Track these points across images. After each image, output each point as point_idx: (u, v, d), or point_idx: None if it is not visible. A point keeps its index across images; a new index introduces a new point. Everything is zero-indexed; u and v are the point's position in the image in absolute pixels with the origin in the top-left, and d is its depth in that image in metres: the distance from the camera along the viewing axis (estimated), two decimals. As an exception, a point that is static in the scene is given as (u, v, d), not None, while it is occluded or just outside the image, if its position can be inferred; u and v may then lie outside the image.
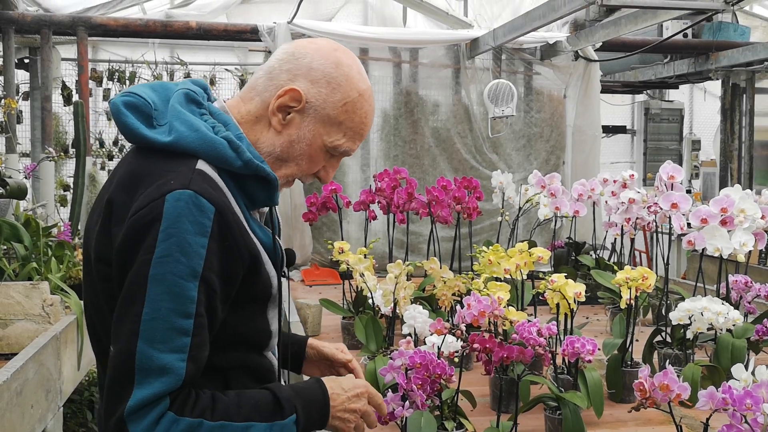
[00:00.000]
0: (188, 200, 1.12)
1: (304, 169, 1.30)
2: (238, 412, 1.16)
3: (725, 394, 1.34)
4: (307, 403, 1.24)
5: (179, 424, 1.11)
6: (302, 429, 1.22)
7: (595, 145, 5.22)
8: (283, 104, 1.26)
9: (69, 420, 4.12)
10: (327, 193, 3.11)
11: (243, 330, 1.25)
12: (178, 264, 1.10)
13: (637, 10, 4.11)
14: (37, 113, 4.95)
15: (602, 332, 3.07)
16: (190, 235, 1.11)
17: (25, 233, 2.95)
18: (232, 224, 1.16)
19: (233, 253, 1.16)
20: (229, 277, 1.17)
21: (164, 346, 1.10)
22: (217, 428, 1.13)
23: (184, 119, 1.21)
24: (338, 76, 1.26)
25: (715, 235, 2.35)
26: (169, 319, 1.10)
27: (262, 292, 1.26)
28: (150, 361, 1.09)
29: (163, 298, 1.10)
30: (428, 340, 1.86)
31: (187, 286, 1.11)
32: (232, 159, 1.20)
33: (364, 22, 6.17)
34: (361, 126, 1.29)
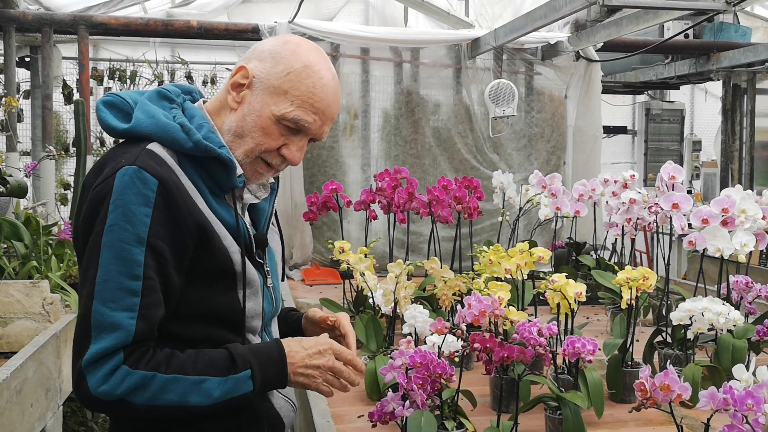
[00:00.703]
0: (133, 174, 1.24)
1: (261, 143, 1.36)
2: (194, 368, 1.26)
3: (726, 394, 1.34)
4: (263, 360, 1.31)
5: (132, 376, 1.21)
6: (259, 385, 1.30)
7: (595, 145, 5.21)
8: (236, 83, 1.36)
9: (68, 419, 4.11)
10: (327, 192, 3.10)
11: (208, 304, 1.33)
12: (124, 231, 1.22)
13: (639, 11, 4.11)
14: (37, 112, 4.95)
15: (603, 332, 3.07)
16: (134, 206, 1.23)
17: (26, 232, 2.95)
18: (176, 196, 1.26)
19: (178, 221, 1.26)
20: (177, 246, 1.27)
21: (115, 305, 1.21)
22: (170, 381, 1.23)
23: (144, 109, 1.33)
24: (283, 50, 1.35)
25: (716, 235, 2.35)
26: (118, 281, 1.22)
27: (220, 267, 1.32)
28: (103, 318, 1.21)
29: (113, 263, 1.22)
30: (429, 339, 1.85)
31: (133, 250, 1.22)
32: (183, 140, 1.30)
33: (365, 21, 6.17)
34: (309, 95, 1.33)
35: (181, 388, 1.24)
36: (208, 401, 1.26)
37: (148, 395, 1.23)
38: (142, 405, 1.23)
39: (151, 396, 1.23)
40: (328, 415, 2.05)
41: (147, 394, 1.23)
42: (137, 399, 1.22)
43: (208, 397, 1.26)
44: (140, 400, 1.22)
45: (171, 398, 1.24)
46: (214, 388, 1.26)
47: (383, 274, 2.53)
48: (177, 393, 1.24)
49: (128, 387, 1.21)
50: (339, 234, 3.33)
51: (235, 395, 1.28)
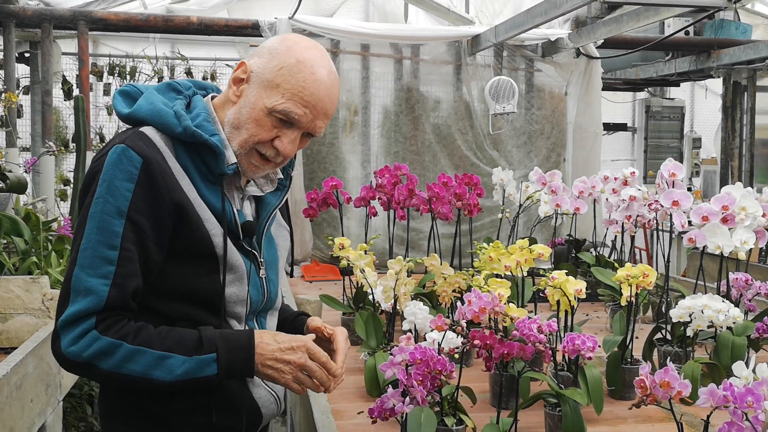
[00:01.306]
0: (120, 152, 1.32)
1: (254, 134, 1.41)
2: (161, 343, 1.31)
3: (726, 391, 1.34)
4: (231, 346, 1.34)
5: (99, 342, 1.28)
6: (224, 370, 1.33)
7: (595, 142, 5.21)
8: (236, 77, 1.43)
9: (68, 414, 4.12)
10: (327, 188, 3.10)
11: (188, 284, 1.38)
12: (106, 204, 1.30)
13: (639, 8, 4.11)
14: (37, 107, 4.94)
15: (602, 329, 3.07)
16: (118, 181, 1.31)
17: (25, 227, 2.95)
18: (158, 175, 1.33)
19: (158, 199, 1.33)
20: (157, 221, 1.33)
21: (92, 271, 1.29)
22: (135, 352, 1.29)
23: (147, 97, 1.42)
24: (280, 47, 1.42)
25: (716, 232, 2.35)
26: (96, 249, 1.29)
27: (200, 247, 1.37)
28: (79, 282, 1.29)
29: (94, 232, 1.30)
30: (428, 336, 1.86)
31: (113, 222, 1.30)
32: (174, 125, 1.38)
33: (366, 18, 6.16)
34: (299, 89, 1.38)
35: (145, 360, 1.29)
36: (170, 377, 1.30)
37: (113, 363, 1.28)
38: (107, 371, 1.29)
39: (116, 364, 1.29)
40: (328, 411, 2.05)
41: (111, 361, 1.28)
42: (103, 365, 1.29)
43: (170, 373, 1.30)
44: (105, 366, 1.29)
45: (135, 369, 1.29)
46: (177, 365, 1.31)
47: (383, 271, 2.53)
48: (141, 365, 1.29)
49: (94, 351, 1.28)
50: (339, 230, 3.34)
51: (197, 376, 1.32)
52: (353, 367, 2.58)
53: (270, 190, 1.51)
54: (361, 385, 2.31)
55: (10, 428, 2.13)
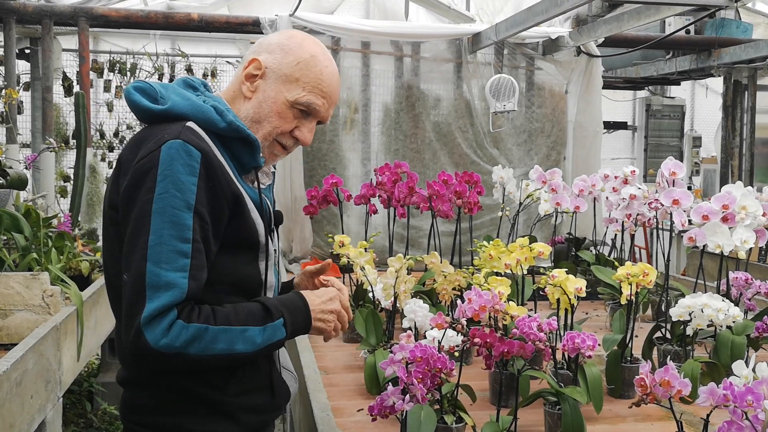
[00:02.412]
0: (179, 147, 1.34)
1: (277, 126, 1.49)
2: (237, 319, 1.37)
3: (726, 390, 1.34)
4: (292, 309, 1.45)
5: (189, 329, 1.31)
6: (290, 331, 1.43)
7: (596, 140, 5.21)
8: (249, 74, 1.50)
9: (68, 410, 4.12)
10: (328, 186, 3.10)
11: (234, 273, 1.44)
12: (174, 198, 1.32)
13: (640, 6, 4.10)
14: (37, 104, 4.94)
15: (602, 328, 3.07)
16: (182, 175, 1.33)
17: (26, 224, 2.94)
18: (216, 168, 1.37)
19: (218, 191, 1.37)
20: (216, 214, 1.37)
21: (169, 266, 1.30)
22: (221, 332, 1.34)
23: (178, 93, 1.46)
24: (291, 44, 1.50)
25: (717, 231, 2.35)
26: (171, 244, 1.31)
27: (248, 236, 1.44)
28: (158, 278, 1.30)
29: (165, 227, 1.31)
30: (429, 334, 1.86)
31: (183, 215, 1.32)
32: (217, 121, 1.42)
33: (366, 15, 6.16)
34: (318, 81, 1.48)
35: (228, 337, 1.35)
36: (252, 348, 1.38)
37: (202, 346, 1.33)
38: (196, 355, 1.33)
39: (205, 346, 1.33)
40: (328, 409, 2.05)
41: (201, 345, 1.33)
42: (192, 350, 1.32)
43: (252, 344, 1.37)
44: (195, 351, 1.32)
45: (221, 347, 1.34)
46: (257, 335, 1.38)
47: (383, 269, 2.53)
48: (226, 342, 1.35)
49: (186, 339, 1.31)
50: (339, 228, 3.34)
51: (272, 341, 1.41)
52: (353, 364, 2.58)
53: (269, 183, 1.59)
54: (361, 382, 2.32)
55: (9, 424, 2.13)
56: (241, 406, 1.46)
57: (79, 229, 3.84)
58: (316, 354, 2.62)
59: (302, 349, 2.58)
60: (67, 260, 3.09)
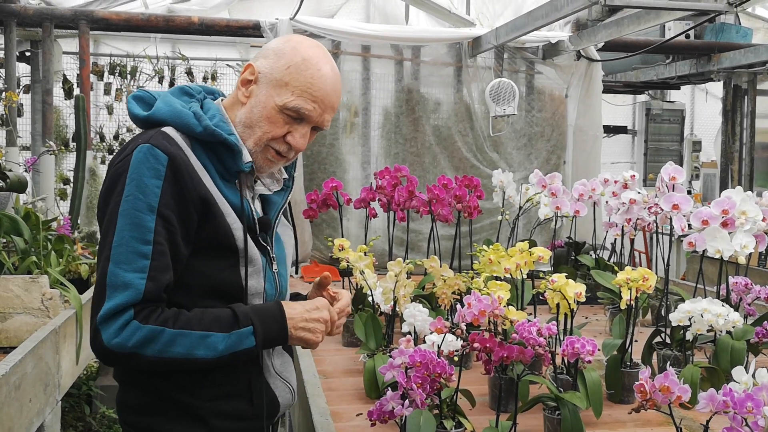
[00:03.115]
0: (147, 151, 1.37)
1: (267, 131, 1.48)
2: (199, 323, 1.37)
3: (726, 396, 1.34)
4: (264, 317, 1.42)
5: (142, 330, 1.33)
6: (262, 341, 1.41)
7: (596, 144, 5.21)
8: (244, 79, 1.50)
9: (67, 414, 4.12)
10: (327, 189, 3.10)
11: (212, 277, 1.44)
12: (137, 201, 1.35)
13: (640, 11, 4.11)
14: (38, 106, 4.94)
15: (601, 332, 3.07)
16: (146, 178, 1.36)
17: (25, 227, 2.94)
18: (184, 171, 1.39)
19: (184, 194, 1.38)
20: (184, 217, 1.38)
21: (128, 266, 1.33)
22: (178, 335, 1.35)
23: (164, 100, 1.48)
24: (285, 48, 1.49)
25: (716, 236, 2.35)
26: (131, 245, 1.34)
27: (223, 239, 1.43)
28: (116, 278, 1.33)
29: (126, 228, 1.34)
30: (428, 338, 1.85)
31: (144, 218, 1.34)
32: (194, 125, 1.44)
33: (366, 19, 6.16)
34: (308, 85, 1.46)
35: (187, 341, 1.35)
36: (214, 354, 1.36)
37: (158, 348, 1.33)
38: (152, 357, 1.33)
39: (160, 348, 1.33)
40: (327, 414, 2.05)
41: (156, 346, 1.33)
42: (147, 351, 1.33)
43: (214, 350, 1.36)
44: (150, 353, 1.33)
45: (179, 351, 1.34)
46: (219, 342, 1.37)
47: (383, 272, 2.53)
48: (184, 346, 1.35)
49: (139, 340, 1.32)
50: (338, 231, 3.33)
51: (238, 350, 1.38)
52: (352, 368, 2.58)
53: (276, 189, 1.58)
54: (360, 387, 2.31)
55: (8, 428, 2.13)
56: (213, 411, 1.45)
57: (79, 232, 3.84)
58: (316, 358, 2.62)
59: (301, 354, 2.57)
60: (67, 263, 3.09)
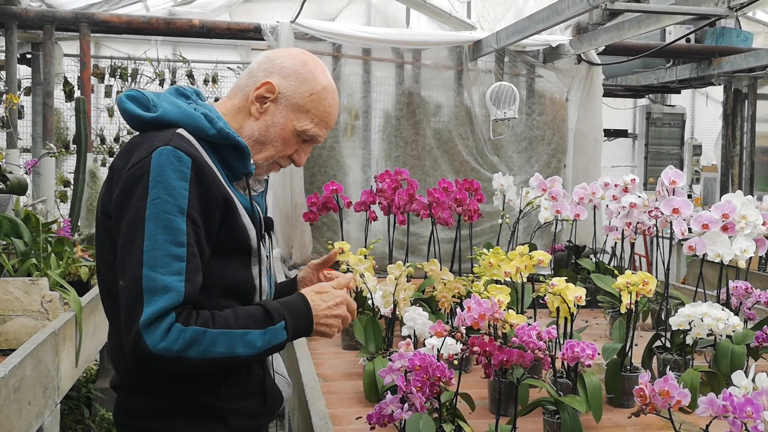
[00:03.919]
0: (169, 153, 1.36)
1: (280, 151, 1.54)
2: (236, 322, 1.39)
3: (726, 401, 1.34)
4: (293, 312, 1.46)
5: (187, 333, 1.32)
6: (291, 334, 1.44)
7: (596, 148, 5.21)
8: (260, 95, 1.51)
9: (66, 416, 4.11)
10: (328, 193, 3.10)
11: (227, 277, 1.45)
12: (167, 203, 1.34)
13: (641, 15, 4.11)
14: (38, 109, 4.95)
15: (601, 336, 3.07)
16: (173, 180, 1.35)
17: (25, 229, 2.94)
18: (207, 173, 1.40)
19: (209, 196, 1.39)
20: (208, 219, 1.40)
21: (165, 270, 1.32)
22: (220, 335, 1.36)
23: (169, 101, 1.49)
24: (305, 72, 1.52)
25: (717, 240, 2.35)
26: (166, 248, 1.32)
27: (240, 241, 1.46)
28: (155, 282, 1.31)
29: (159, 232, 1.33)
30: (428, 342, 1.85)
31: (176, 220, 1.34)
32: (207, 128, 1.44)
33: (367, 22, 6.17)
34: (326, 115, 1.54)
35: (228, 341, 1.36)
36: (253, 351, 1.39)
37: (202, 349, 1.34)
38: (196, 358, 1.34)
39: (204, 350, 1.34)
40: (326, 417, 2.05)
41: (200, 348, 1.34)
42: (192, 353, 1.33)
43: (253, 347, 1.38)
44: (194, 354, 1.33)
45: (220, 351, 1.35)
46: (257, 339, 1.39)
47: (383, 276, 2.53)
48: (225, 345, 1.36)
49: (184, 342, 1.32)
50: (339, 234, 3.33)
51: (274, 344, 1.42)
52: (352, 371, 2.57)
53: (261, 190, 1.61)
54: (360, 390, 2.31)
55: (7, 430, 2.13)
56: (233, 411, 1.48)
57: (79, 235, 3.84)
58: (315, 361, 2.61)
59: (301, 357, 2.57)
60: (67, 265, 3.09)
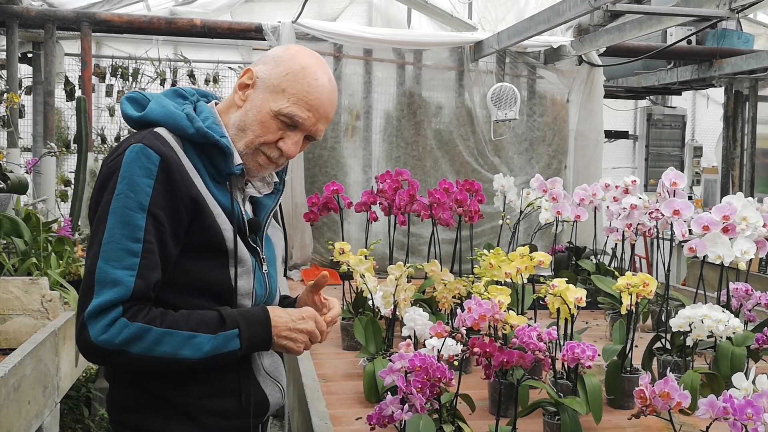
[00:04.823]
0: (139, 151, 1.39)
1: (259, 134, 1.50)
2: (186, 323, 1.39)
3: (726, 403, 1.34)
4: (250, 322, 1.44)
5: (130, 328, 1.33)
6: (246, 344, 1.43)
7: (597, 149, 5.21)
8: (242, 83, 1.52)
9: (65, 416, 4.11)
10: (329, 193, 3.10)
11: (202, 277, 1.45)
12: (128, 199, 1.36)
13: (642, 16, 4.11)
14: (39, 108, 4.95)
15: (602, 337, 3.07)
16: (138, 177, 1.37)
17: (26, 228, 2.94)
18: (175, 171, 1.40)
19: (175, 194, 1.39)
20: (174, 216, 1.40)
21: (117, 263, 1.35)
22: (165, 334, 1.36)
23: (158, 101, 1.50)
24: (284, 55, 1.51)
25: (717, 242, 2.35)
26: (121, 242, 1.35)
27: (213, 240, 1.45)
28: (105, 275, 1.34)
29: (117, 226, 1.36)
30: (428, 342, 1.85)
31: (135, 216, 1.36)
32: (186, 126, 1.45)
33: (369, 22, 6.17)
34: (304, 94, 1.48)
35: (174, 341, 1.36)
36: (199, 354, 1.38)
37: (144, 346, 1.34)
38: (138, 355, 1.34)
39: (147, 347, 1.34)
40: (326, 417, 2.05)
41: (143, 345, 1.34)
42: (134, 349, 1.34)
43: (199, 350, 1.38)
44: (136, 350, 1.34)
45: (164, 350, 1.35)
46: (205, 343, 1.38)
47: (383, 276, 2.53)
48: (170, 346, 1.36)
49: (126, 337, 1.33)
50: (339, 235, 3.33)
51: (222, 351, 1.40)
52: (352, 372, 2.57)
53: (267, 192, 1.60)
54: (360, 391, 2.31)
55: (7, 430, 2.13)
56: (204, 409, 1.46)
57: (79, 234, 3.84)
58: (315, 362, 2.62)
59: (301, 357, 2.57)
60: (67, 265, 3.09)
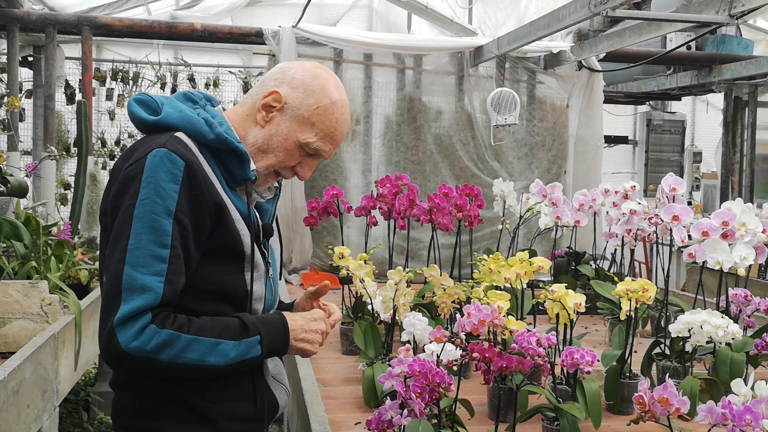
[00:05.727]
0: (163, 156, 1.38)
1: (282, 160, 1.53)
2: (211, 331, 1.39)
3: (725, 409, 1.34)
4: (270, 328, 1.47)
5: (161, 335, 1.33)
6: (266, 349, 1.45)
7: (596, 155, 5.22)
8: (267, 104, 1.52)
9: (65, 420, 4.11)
10: (328, 197, 3.10)
11: (219, 282, 1.46)
12: (155, 204, 1.35)
13: (642, 22, 4.12)
14: (39, 111, 4.95)
15: (601, 343, 3.07)
16: (164, 182, 1.36)
17: (25, 232, 2.94)
18: (199, 177, 1.40)
19: (199, 199, 1.40)
20: (198, 222, 1.40)
21: (145, 269, 1.33)
22: (192, 341, 1.36)
23: (173, 105, 1.50)
24: (314, 85, 1.52)
25: (716, 248, 2.35)
26: (149, 248, 1.34)
27: (232, 246, 1.46)
28: (134, 281, 1.33)
29: (144, 231, 1.34)
30: (427, 347, 1.85)
31: (162, 221, 1.35)
32: (206, 132, 1.45)
33: (369, 27, 6.18)
34: (332, 130, 1.53)
35: (201, 348, 1.37)
36: (225, 361, 1.39)
37: (173, 353, 1.34)
38: (166, 362, 1.34)
39: (175, 354, 1.35)
40: (326, 422, 2.05)
41: (172, 352, 1.34)
42: (162, 356, 1.34)
43: (225, 357, 1.39)
44: (165, 357, 1.34)
45: (192, 357, 1.36)
46: (230, 349, 1.40)
47: (383, 281, 2.53)
48: (197, 353, 1.36)
49: (156, 344, 1.33)
50: (339, 239, 3.33)
51: (246, 358, 1.42)
52: (351, 377, 2.57)
53: (269, 197, 1.61)
54: (359, 395, 2.31)
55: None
56: (222, 413, 1.47)
57: (79, 238, 3.84)
58: (315, 366, 2.61)
59: (300, 362, 2.57)
60: (66, 268, 3.09)
